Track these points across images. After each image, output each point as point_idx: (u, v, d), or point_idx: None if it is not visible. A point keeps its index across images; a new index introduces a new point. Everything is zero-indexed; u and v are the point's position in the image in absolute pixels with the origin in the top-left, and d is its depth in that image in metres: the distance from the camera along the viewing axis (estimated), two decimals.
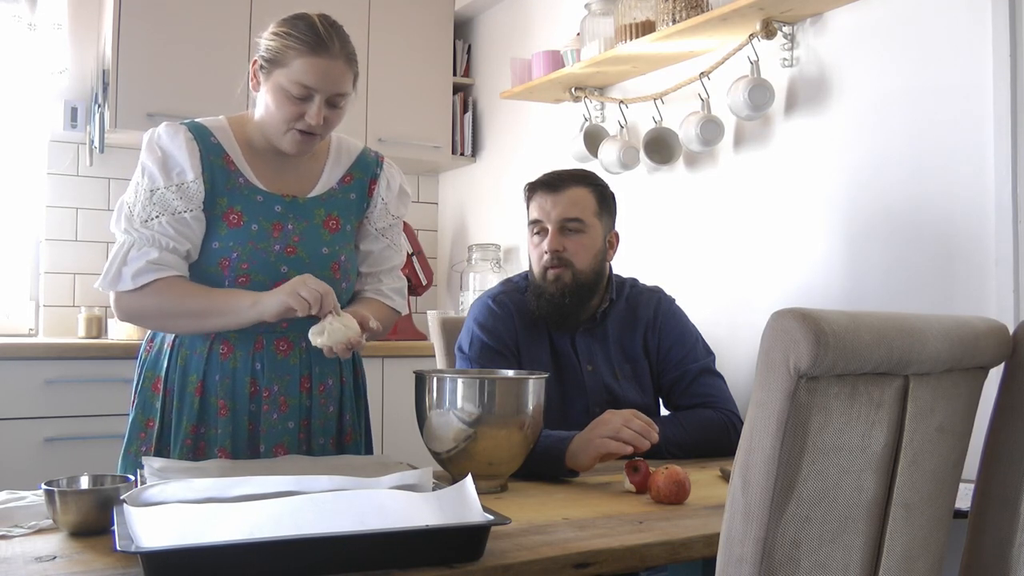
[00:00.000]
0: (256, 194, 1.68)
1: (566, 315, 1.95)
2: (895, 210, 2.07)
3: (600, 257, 1.98)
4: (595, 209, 1.97)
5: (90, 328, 3.25)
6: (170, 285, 1.60)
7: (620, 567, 1.19)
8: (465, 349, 1.96)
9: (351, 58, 1.64)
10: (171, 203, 1.61)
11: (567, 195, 1.95)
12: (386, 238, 1.82)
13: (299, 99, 1.60)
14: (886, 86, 2.09)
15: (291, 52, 1.59)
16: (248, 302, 1.58)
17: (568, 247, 1.94)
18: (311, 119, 1.61)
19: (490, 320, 1.96)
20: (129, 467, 1.66)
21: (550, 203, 1.95)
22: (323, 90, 1.60)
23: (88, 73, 3.43)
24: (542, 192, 1.97)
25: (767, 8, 2.22)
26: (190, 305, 1.60)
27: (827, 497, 1.01)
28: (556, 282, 1.93)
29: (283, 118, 1.62)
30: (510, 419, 1.52)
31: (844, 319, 0.97)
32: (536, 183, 1.99)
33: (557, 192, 1.95)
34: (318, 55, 1.58)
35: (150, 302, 1.60)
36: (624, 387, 1.99)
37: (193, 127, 1.68)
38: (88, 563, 1.08)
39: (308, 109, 1.61)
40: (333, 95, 1.62)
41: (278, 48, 1.60)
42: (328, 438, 1.76)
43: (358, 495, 1.13)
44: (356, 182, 1.79)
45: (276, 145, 1.68)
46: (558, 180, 1.97)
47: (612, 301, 2.02)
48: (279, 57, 1.60)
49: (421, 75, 3.68)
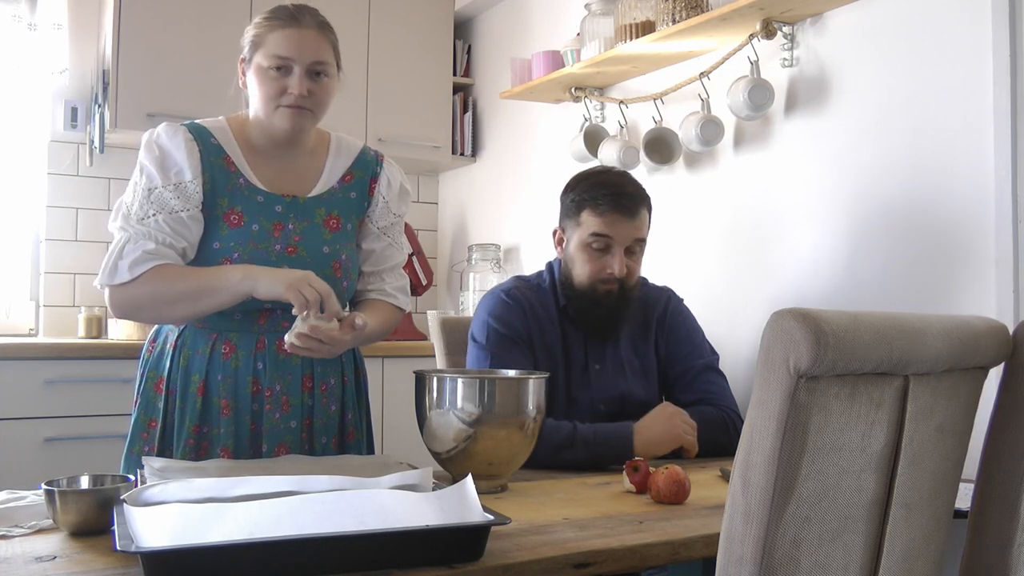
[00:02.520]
0: (256, 194, 1.68)
1: (608, 323, 1.97)
2: (895, 210, 2.07)
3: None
4: (649, 227, 2.00)
5: (90, 328, 3.25)
6: (162, 271, 1.60)
7: (620, 567, 1.19)
8: (479, 339, 1.96)
9: (323, 27, 1.68)
10: (168, 202, 1.62)
11: (639, 220, 1.95)
12: (388, 236, 1.83)
13: (279, 73, 1.64)
14: (886, 86, 2.09)
15: (265, 31, 1.65)
16: (238, 276, 1.58)
17: (631, 269, 1.96)
18: (294, 89, 1.63)
19: (504, 311, 1.97)
20: (132, 467, 1.66)
21: (624, 225, 1.92)
22: (299, 59, 1.63)
23: (88, 73, 3.43)
24: (616, 213, 1.91)
25: (767, 8, 2.22)
26: (182, 288, 1.60)
27: (827, 497, 1.01)
28: (607, 296, 1.95)
29: (268, 96, 1.65)
30: (510, 419, 1.52)
31: (844, 319, 0.97)
32: (608, 198, 1.91)
33: (632, 216, 1.93)
34: (289, 26, 1.64)
35: (144, 291, 1.60)
36: (631, 382, 2.00)
37: (193, 128, 1.68)
38: (88, 563, 1.08)
39: (290, 82, 1.63)
40: (312, 63, 1.64)
41: (255, 34, 1.67)
42: (330, 437, 1.76)
43: (358, 495, 1.13)
44: (356, 181, 1.79)
45: (271, 129, 1.69)
46: (632, 203, 1.93)
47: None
48: (257, 41, 1.66)
49: (421, 75, 3.68)
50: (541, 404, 1.56)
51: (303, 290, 1.52)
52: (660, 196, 2.77)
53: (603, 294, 1.94)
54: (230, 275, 1.58)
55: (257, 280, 1.56)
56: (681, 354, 2.05)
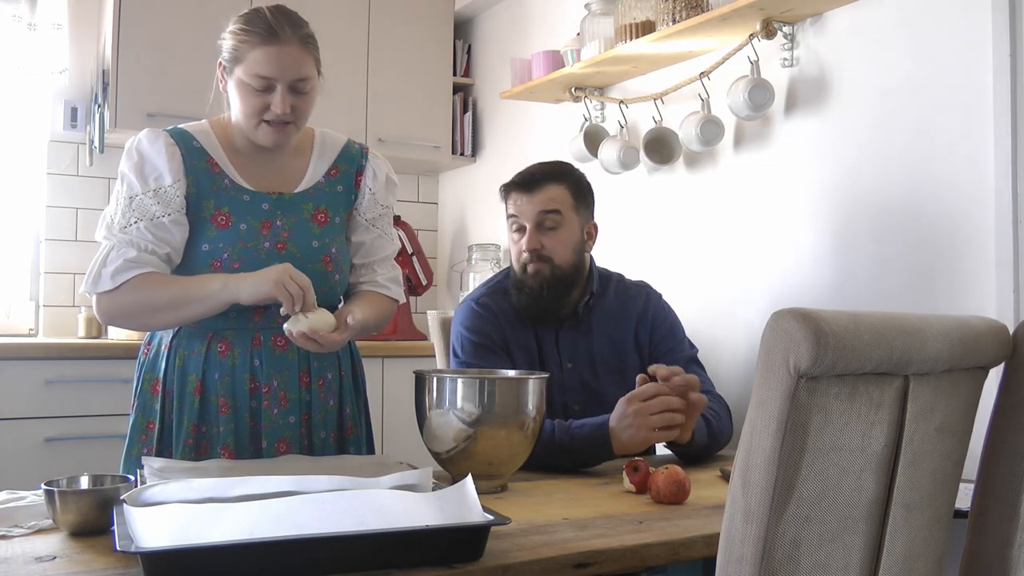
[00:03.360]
0: (243, 194, 1.69)
1: (545, 308, 1.98)
2: (895, 210, 2.07)
3: (579, 250, 2.01)
4: (571, 203, 1.99)
5: (90, 328, 3.25)
6: (146, 279, 1.61)
7: (620, 567, 1.19)
8: (459, 352, 1.99)
9: (306, 41, 1.65)
10: (149, 208, 1.62)
11: (541, 193, 1.97)
12: (376, 228, 1.83)
13: (261, 91, 1.62)
14: (886, 86, 2.09)
15: (245, 46, 1.61)
16: (218, 285, 1.58)
17: (546, 244, 1.96)
18: (276, 108, 1.62)
19: (475, 321, 1.99)
20: (131, 470, 1.66)
21: (525, 201, 1.98)
22: (281, 78, 1.61)
23: (88, 73, 3.43)
24: (516, 191, 1.99)
25: (767, 8, 2.22)
26: (165, 296, 1.60)
27: (827, 497, 1.01)
28: (536, 276, 1.96)
29: (250, 112, 1.64)
30: (510, 419, 1.52)
31: (844, 319, 0.97)
32: (511, 183, 2.02)
33: (531, 191, 1.98)
34: (270, 43, 1.60)
35: (129, 299, 1.61)
36: (604, 382, 1.99)
37: (175, 132, 1.69)
38: (88, 563, 1.08)
39: (272, 99, 1.62)
40: (293, 81, 1.63)
41: (234, 45, 1.63)
42: (329, 432, 1.76)
43: (358, 495, 1.13)
44: (342, 175, 1.79)
45: (254, 140, 1.69)
46: (532, 180, 1.99)
47: (594, 294, 2.04)
48: (236, 54, 1.63)
49: (421, 75, 3.68)
50: (541, 404, 1.56)
51: (287, 286, 1.53)
52: (660, 196, 2.77)
53: (532, 275, 1.96)
54: (210, 285, 1.59)
55: (239, 287, 1.57)
56: (666, 348, 2.05)
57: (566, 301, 2.00)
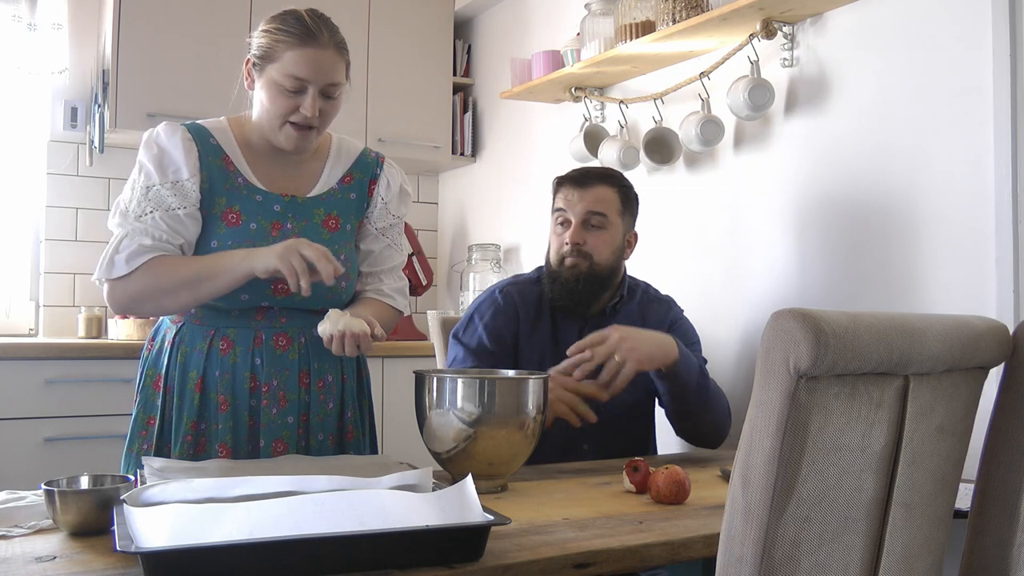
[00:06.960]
0: (255, 194, 1.69)
1: (577, 301, 2.02)
2: (895, 210, 2.07)
3: (618, 254, 2.06)
4: (619, 208, 2.05)
5: (90, 328, 3.25)
6: (160, 262, 1.61)
7: (620, 567, 1.19)
8: (460, 335, 2.02)
9: (341, 47, 1.65)
10: (165, 200, 1.62)
11: (593, 192, 2.02)
12: (386, 238, 1.83)
13: (293, 92, 1.62)
14: (886, 86, 2.09)
15: (281, 46, 1.60)
16: (240, 255, 1.59)
17: (589, 241, 2.01)
18: (306, 111, 1.62)
19: (491, 315, 2.03)
20: (132, 465, 1.67)
21: (576, 197, 2.03)
22: (315, 81, 1.61)
23: (88, 73, 3.43)
24: (569, 186, 2.05)
25: (767, 8, 2.22)
26: (181, 275, 1.60)
27: (827, 497, 1.01)
28: (572, 269, 2.00)
29: (278, 112, 1.64)
30: (510, 419, 1.52)
31: (844, 319, 0.97)
32: (564, 177, 2.07)
33: (584, 188, 2.02)
34: (308, 46, 1.60)
35: (143, 282, 1.61)
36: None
37: (192, 128, 1.69)
38: (88, 563, 1.08)
39: (303, 101, 1.62)
40: (326, 85, 1.63)
41: (269, 44, 1.62)
42: (327, 435, 1.76)
43: (358, 495, 1.13)
44: (356, 182, 1.79)
45: (273, 142, 1.69)
46: (585, 176, 2.05)
47: (623, 298, 2.08)
48: (270, 52, 1.62)
49: (421, 75, 3.68)
50: (541, 404, 1.56)
51: (292, 260, 1.53)
52: (660, 196, 2.77)
53: (568, 268, 2.00)
54: (232, 257, 1.60)
55: (254, 259, 1.57)
56: None
57: (598, 299, 2.04)
